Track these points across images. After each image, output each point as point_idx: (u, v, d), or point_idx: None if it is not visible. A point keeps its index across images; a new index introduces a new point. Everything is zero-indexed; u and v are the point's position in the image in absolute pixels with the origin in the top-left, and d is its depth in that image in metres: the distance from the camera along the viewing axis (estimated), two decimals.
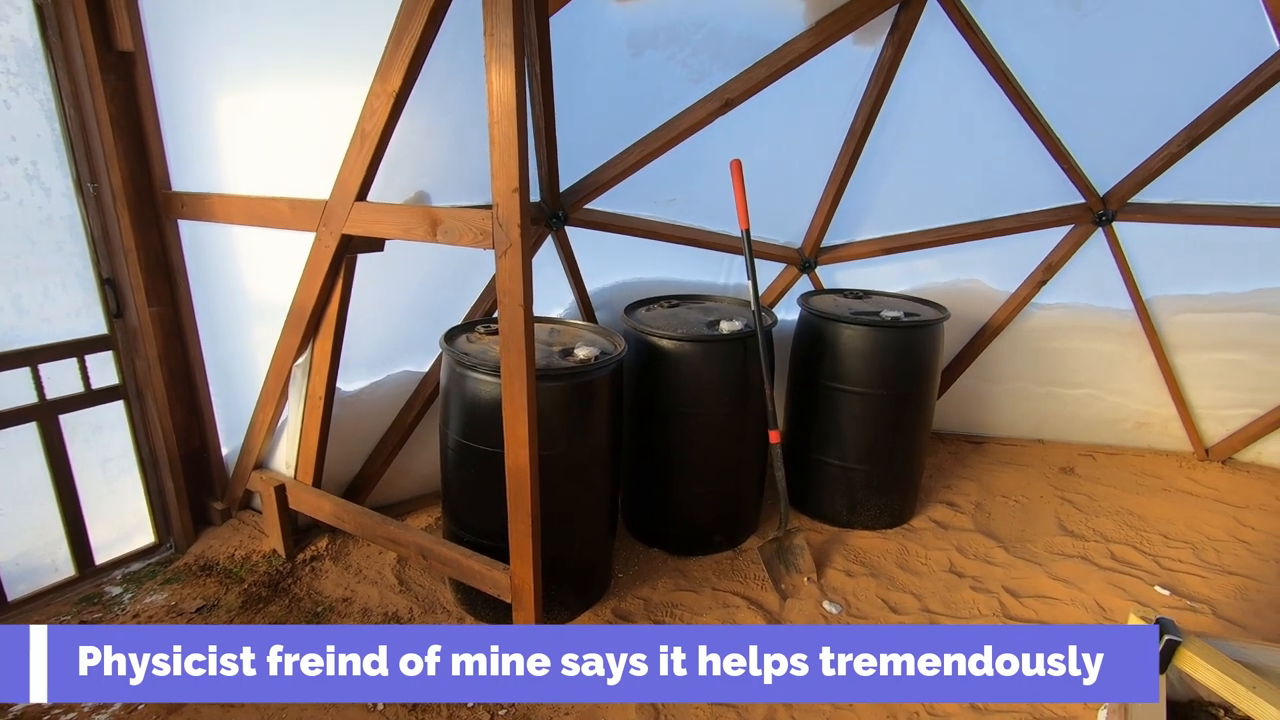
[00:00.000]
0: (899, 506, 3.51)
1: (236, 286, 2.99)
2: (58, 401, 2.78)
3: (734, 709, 2.36)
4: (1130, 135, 3.36)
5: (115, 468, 3.06)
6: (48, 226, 2.70)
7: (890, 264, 3.95)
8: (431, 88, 2.31)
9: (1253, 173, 3.32)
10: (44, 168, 2.66)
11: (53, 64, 2.62)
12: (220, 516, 3.29)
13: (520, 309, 2.03)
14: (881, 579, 3.11)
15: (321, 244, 2.50)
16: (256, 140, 2.67)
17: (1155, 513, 3.67)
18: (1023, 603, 2.97)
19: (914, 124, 3.32)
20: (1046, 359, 4.15)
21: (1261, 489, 3.91)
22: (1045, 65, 3.08)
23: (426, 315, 3.17)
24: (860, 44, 2.96)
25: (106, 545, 3.03)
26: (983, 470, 4.10)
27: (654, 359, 3.03)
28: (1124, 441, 4.33)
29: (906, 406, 3.34)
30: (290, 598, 2.86)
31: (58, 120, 2.67)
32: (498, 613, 2.70)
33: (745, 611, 2.86)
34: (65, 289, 2.79)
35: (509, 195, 1.96)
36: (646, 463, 3.18)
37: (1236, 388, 3.95)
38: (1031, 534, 3.48)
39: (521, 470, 2.20)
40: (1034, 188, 3.59)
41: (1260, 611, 2.94)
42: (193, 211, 2.80)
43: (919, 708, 2.41)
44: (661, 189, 3.33)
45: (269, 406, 2.97)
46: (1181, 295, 3.80)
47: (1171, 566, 3.22)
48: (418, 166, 2.55)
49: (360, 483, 3.31)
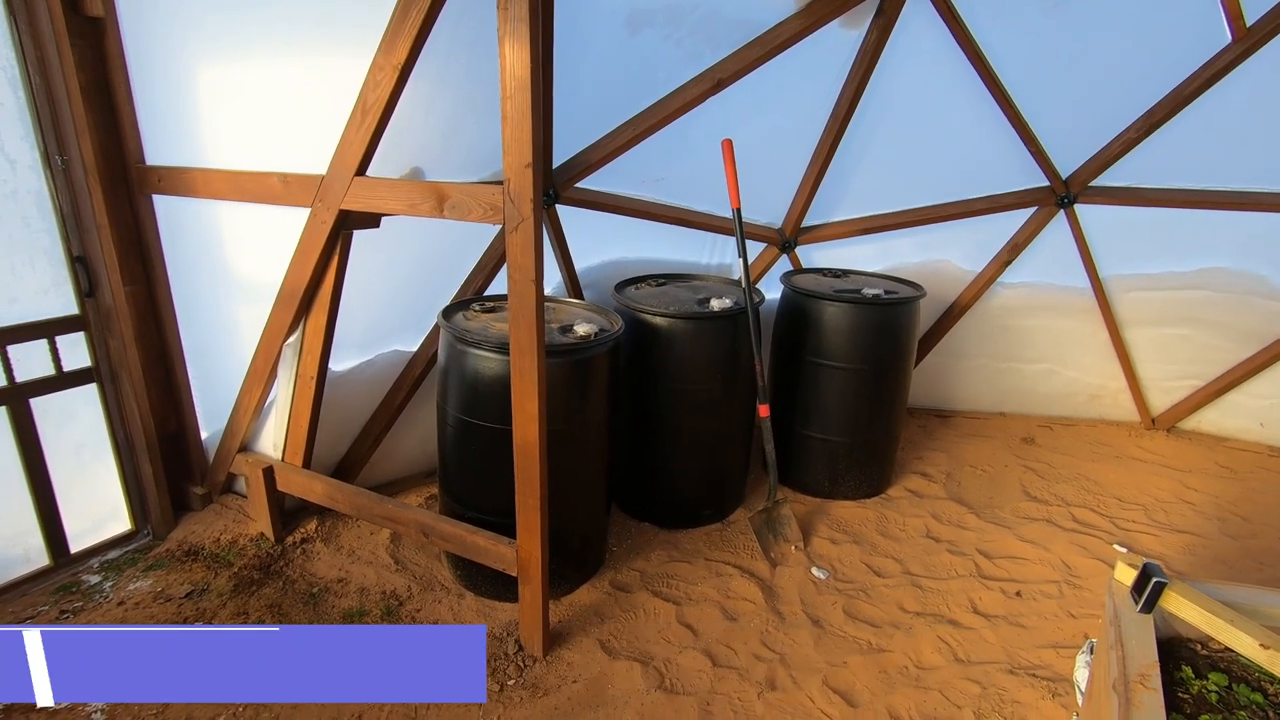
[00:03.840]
0: (877, 477, 3.66)
1: (216, 265, 2.89)
2: (28, 384, 2.66)
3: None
4: (1092, 122, 3.54)
5: (88, 453, 2.95)
6: (13, 201, 2.57)
7: (865, 244, 4.08)
8: (434, 62, 2.27)
9: (1203, 158, 3.55)
10: (8, 139, 2.53)
11: (16, 28, 2.47)
12: (200, 501, 3.21)
13: (532, 284, 2.04)
14: (864, 545, 3.25)
15: (317, 220, 2.45)
16: (240, 113, 2.58)
17: (1109, 478, 3.92)
18: (995, 563, 3.15)
19: (893, 107, 3.42)
20: (1009, 336, 4.36)
21: (1201, 454, 4.22)
22: (1018, 52, 3.22)
23: (416, 294, 3.14)
24: (846, 27, 3.03)
25: (80, 534, 2.92)
26: (951, 442, 4.30)
27: (646, 336, 3.08)
28: (1079, 413, 4.59)
29: (885, 381, 3.47)
30: (284, 580, 2.83)
31: (22, 88, 2.53)
32: (498, 588, 2.73)
33: (738, 580, 2.96)
34: (33, 267, 2.67)
35: (522, 170, 1.96)
36: (637, 438, 3.23)
37: (1180, 360, 4.23)
38: (999, 500, 3.68)
39: (530, 445, 2.23)
40: (1002, 171, 3.75)
41: (1206, 565, 3.20)
42: (170, 186, 2.69)
43: (907, 661, 2.55)
44: (649, 168, 3.35)
45: (256, 387, 2.90)
46: (1133, 274, 4.04)
47: (1127, 527, 3.46)
48: (415, 142, 2.51)
49: (348, 464, 3.28)
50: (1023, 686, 2.44)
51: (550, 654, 2.50)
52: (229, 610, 2.64)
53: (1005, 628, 2.74)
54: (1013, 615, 2.81)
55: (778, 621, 2.73)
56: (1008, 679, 2.48)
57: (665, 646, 2.57)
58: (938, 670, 2.52)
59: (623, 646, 2.56)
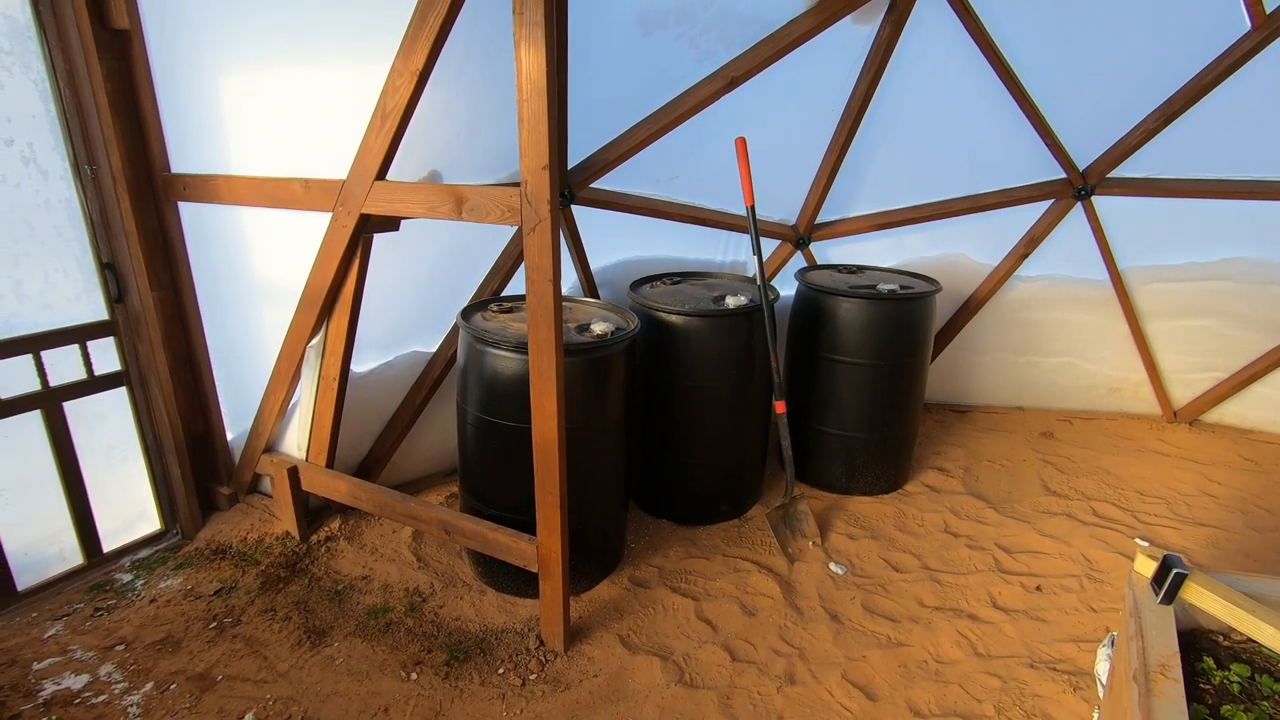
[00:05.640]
0: (894, 473, 3.66)
1: (240, 269, 2.96)
2: (61, 389, 2.74)
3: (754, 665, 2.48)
4: (1109, 112, 3.51)
5: (119, 455, 3.03)
6: (46, 210, 2.65)
7: (879, 239, 4.07)
8: (450, 66, 2.31)
9: (1222, 148, 3.51)
10: (40, 150, 2.60)
11: (46, 42, 2.55)
12: (227, 501, 3.28)
13: (550, 284, 2.07)
14: (882, 540, 3.26)
15: (339, 224, 2.50)
16: (261, 121, 2.64)
17: (1130, 472, 3.89)
18: (1015, 558, 3.14)
19: (906, 103, 3.41)
20: (1027, 329, 4.33)
21: (1225, 447, 4.17)
22: (1032, 44, 3.20)
23: (434, 296, 3.18)
24: (859, 23, 3.03)
25: (111, 534, 3.00)
26: (968, 437, 4.28)
27: (661, 334, 3.10)
28: (1098, 407, 4.55)
29: (902, 376, 3.47)
30: (309, 578, 2.89)
31: (53, 101, 2.61)
32: (519, 584, 2.77)
33: (756, 575, 2.98)
34: (65, 274, 2.74)
35: (538, 172, 1.99)
36: (654, 435, 3.26)
37: (1202, 353, 4.18)
38: (1018, 495, 3.66)
39: (549, 443, 2.26)
40: (1018, 164, 3.73)
41: (1230, 558, 3.17)
42: (196, 194, 2.76)
43: (926, 656, 2.56)
44: (663, 167, 3.38)
45: (280, 389, 2.96)
46: (1153, 265, 3.99)
47: (1148, 520, 3.43)
48: (432, 146, 2.55)
49: (370, 464, 3.33)
50: (1043, 680, 2.44)
51: (571, 649, 2.54)
52: (256, 607, 2.70)
53: (1025, 622, 2.73)
54: (1033, 609, 2.80)
55: (796, 616, 2.75)
56: (1028, 673, 2.47)
57: (684, 641, 2.60)
58: (957, 664, 2.53)
59: (642, 641, 2.59)
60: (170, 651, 2.48)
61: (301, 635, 2.57)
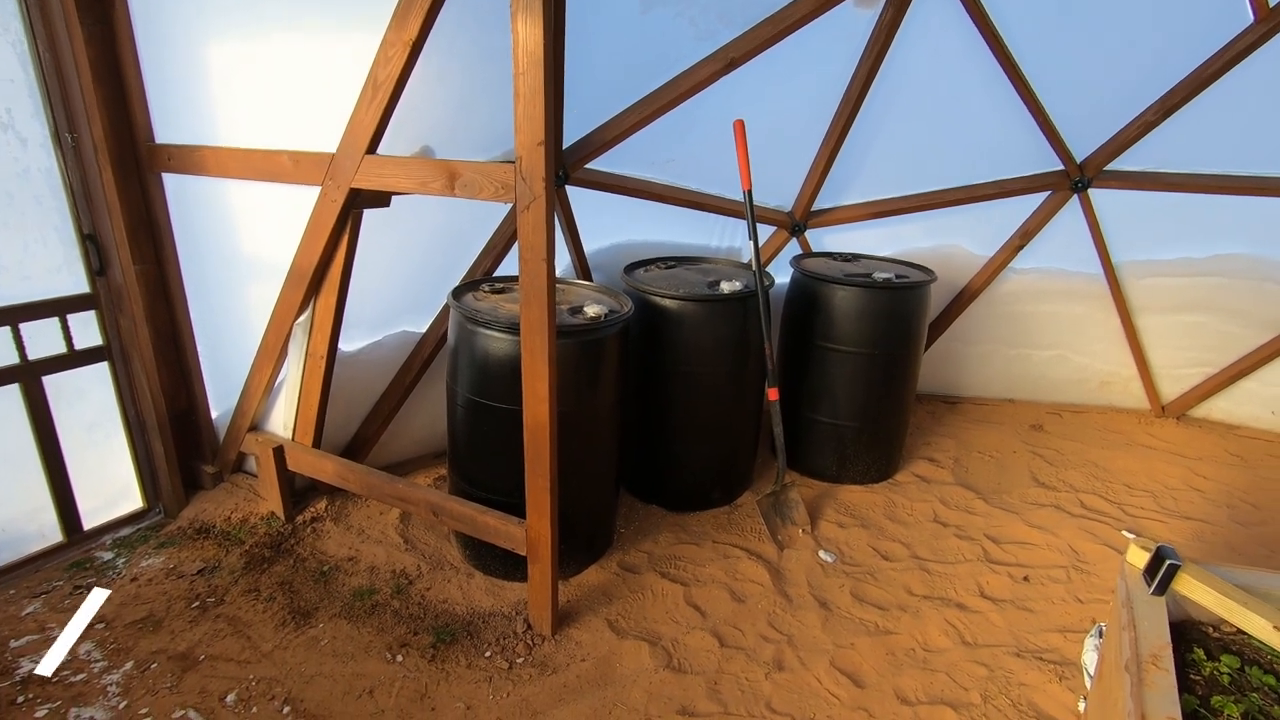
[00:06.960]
0: (885, 462, 3.66)
1: (226, 244, 2.89)
2: (40, 362, 2.68)
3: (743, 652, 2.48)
4: (1109, 104, 3.49)
5: (100, 431, 2.97)
6: (25, 178, 2.57)
7: (875, 228, 4.04)
8: (444, 38, 2.25)
9: (1222, 142, 3.49)
10: (19, 116, 2.52)
11: (25, 3, 2.46)
12: (211, 480, 3.23)
13: (543, 263, 2.03)
14: (872, 529, 3.26)
15: (327, 198, 2.44)
16: (249, 91, 2.56)
17: (1118, 465, 3.90)
18: (1003, 548, 3.15)
19: (906, 89, 3.38)
20: (1019, 322, 4.33)
21: (1212, 442, 4.20)
22: (1034, 33, 3.17)
23: (426, 275, 3.13)
24: (861, 6, 2.99)
25: (92, 511, 2.95)
26: (959, 428, 4.29)
27: (655, 319, 3.07)
28: (1088, 400, 4.57)
29: (896, 365, 3.46)
30: (294, 558, 2.85)
31: (31, 65, 2.52)
32: (508, 568, 2.75)
33: (745, 562, 2.97)
34: (45, 245, 2.67)
35: (534, 148, 1.95)
36: (646, 420, 3.23)
37: (1193, 348, 4.20)
38: (1007, 486, 3.67)
39: (540, 426, 2.23)
40: (1016, 154, 3.71)
41: (1215, 552, 3.19)
42: (181, 165, 2.69)
43: (914, 644, 2.56)
44: (660, 150, 3.33)
45: (266, 366, 2.91)
46: (1147, 260, 3.99)
47: (1135, 513, 3.45)
48: (425, 120, 2.49)
49: (357, 444, 3.29)
50: (1029, 669, 2.45)
51: (559, 633, 2.52)
52: (240, 587, 2.67)
53: (1012, 611, 2.74)
54: (1020, 599, 2.81)
55: (785, 603, 2.74)
56: (1014, 662, 2.48)
57: (673, 627, 2.59)
58: (945, 653, 2.53)
59: (631, 626, 2.58)
60: (151, 631, 2.44)
61: (286, 616, 2.54)
